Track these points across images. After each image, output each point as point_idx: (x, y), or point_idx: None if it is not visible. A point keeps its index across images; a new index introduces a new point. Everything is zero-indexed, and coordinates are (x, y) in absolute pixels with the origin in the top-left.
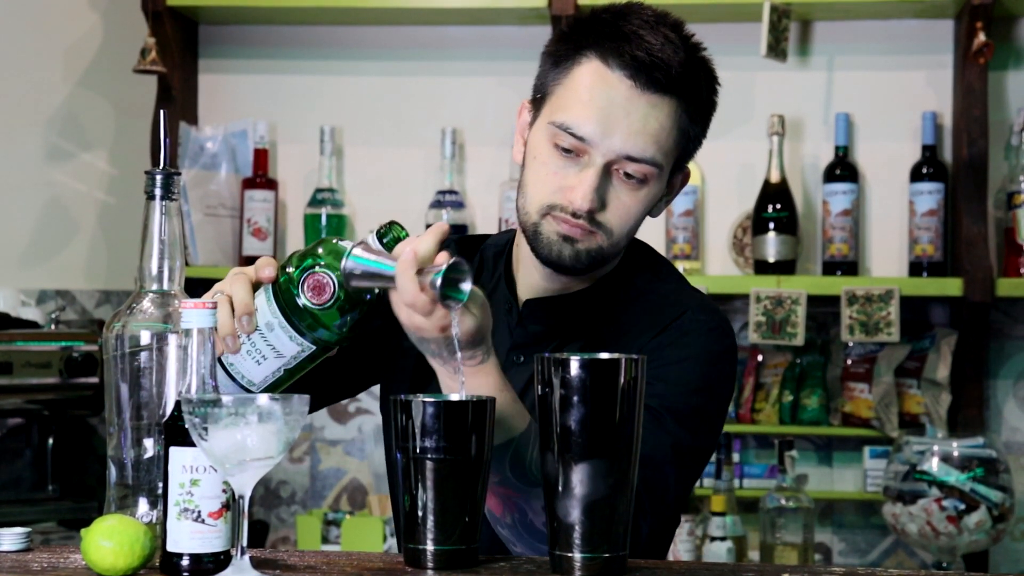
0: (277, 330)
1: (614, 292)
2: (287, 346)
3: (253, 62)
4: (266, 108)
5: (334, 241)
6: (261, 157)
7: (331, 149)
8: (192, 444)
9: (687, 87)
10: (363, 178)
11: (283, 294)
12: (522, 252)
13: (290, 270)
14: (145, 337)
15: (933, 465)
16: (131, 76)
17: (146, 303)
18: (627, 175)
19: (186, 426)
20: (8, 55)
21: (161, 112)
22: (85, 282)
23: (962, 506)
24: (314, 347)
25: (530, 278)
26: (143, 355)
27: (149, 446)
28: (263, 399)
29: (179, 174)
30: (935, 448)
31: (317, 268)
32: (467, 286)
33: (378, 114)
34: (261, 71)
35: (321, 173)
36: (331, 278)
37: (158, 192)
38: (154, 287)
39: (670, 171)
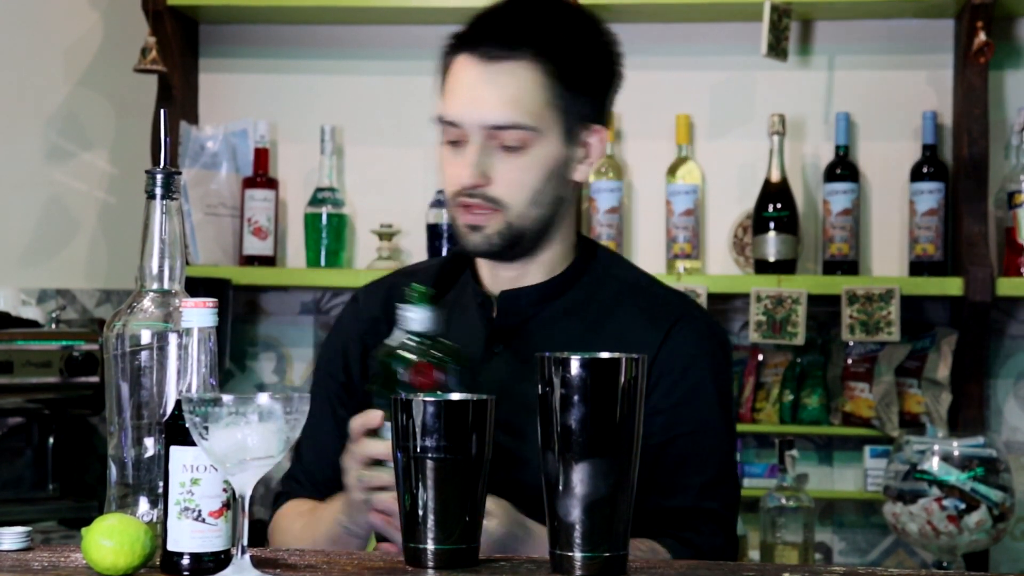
0: None
1: (588, 280)
2: None
3: (253, 61)
4: (266, 107)
5: (391, 345)
6: (261, 156)
7: (331, 148)
8: (193, 443)
9: (536, 42)
10: (363, 178)
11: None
12: None
13: (388, 389)
14: (146, 336)
15: (933, 465)
16: (131, 75)
17: (147, 302)
18: (506, 147)
19: (187, 425)
20: (8, 54)
21: (161, 111)
22: (85, 281)
23: (962, 505)
24: None
25: (490, 273)
26: (144, 354)
27: (150, 445)
28: (263, 398)
29: (179, 173)
30: (935, 448)
31: (411, 370)
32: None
33: (378, 114)
34: (261, 70)
35: (321, 172)
36: (418, 365)
37: (159, 191)
38: (155, 286)
39: (568, 131)
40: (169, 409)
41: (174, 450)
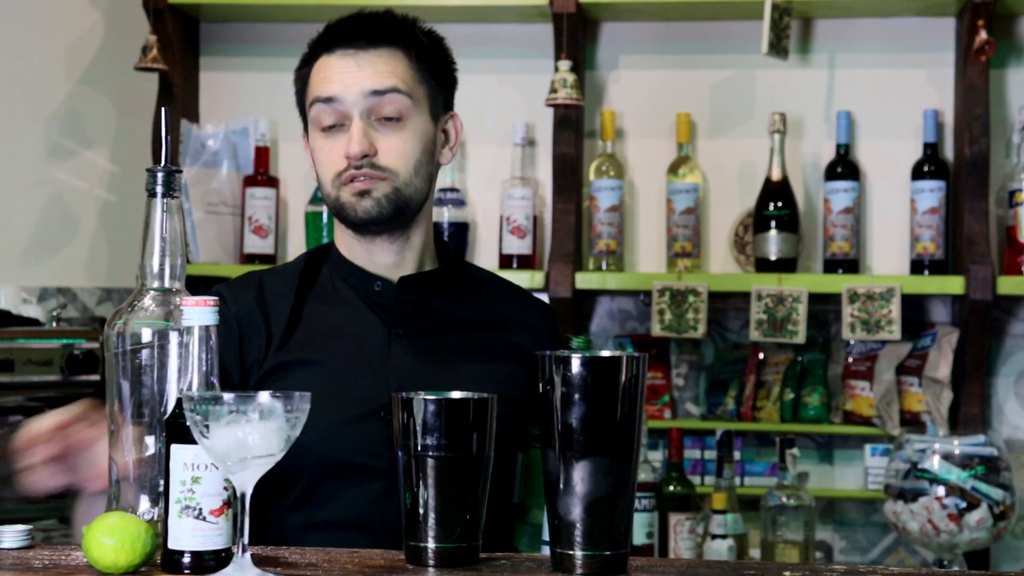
0: None
1: (461, 273)
2: None
3: (254, 59)
4: (267, 106)
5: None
6: (262, 155)
7: None
8: (193, 442)
9: (399, 37)
10: None
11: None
12: (353, 244)
13: None
14: (146, 335)
15: (934, 463)
16: (132, 74)
17: (147, 300)
18: (386, 118)
19: (187, 424)
20: (9, 53)
21: (162, 110)
22: (86, 279)
23: (963, 504)
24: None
25: (370, 260)
26: (144, 353)
27: (150, 443)
28: (264, 396)
29: (180, 172)
30: (936, 446)
31: None
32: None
33: None
34: (262, 68)
35: None
36: None
37: (159, 189)
38: (155, 285)
39: (433, 113)
40: (170, 407)
41: (175, 448)
